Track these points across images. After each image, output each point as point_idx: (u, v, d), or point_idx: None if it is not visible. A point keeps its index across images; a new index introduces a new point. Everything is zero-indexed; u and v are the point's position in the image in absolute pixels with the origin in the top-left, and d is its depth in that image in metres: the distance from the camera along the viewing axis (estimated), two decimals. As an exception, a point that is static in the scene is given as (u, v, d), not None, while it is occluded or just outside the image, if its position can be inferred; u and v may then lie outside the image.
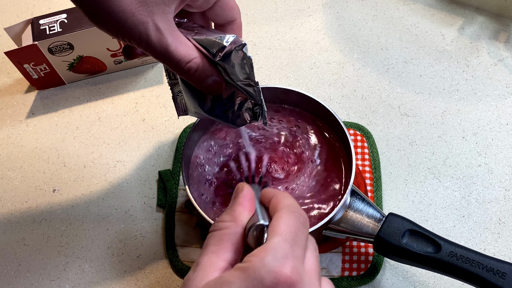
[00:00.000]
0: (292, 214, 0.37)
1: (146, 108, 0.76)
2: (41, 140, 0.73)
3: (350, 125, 0.71)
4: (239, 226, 0.38)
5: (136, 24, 0.40)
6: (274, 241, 0.34)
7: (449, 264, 0.51)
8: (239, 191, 0.41)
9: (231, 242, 0.37)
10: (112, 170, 0.70)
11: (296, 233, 0.36)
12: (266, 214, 0.39)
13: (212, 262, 0.36)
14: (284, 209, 0.38)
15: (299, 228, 0.36)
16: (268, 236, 0.35)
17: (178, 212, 0.65)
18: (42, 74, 0.75)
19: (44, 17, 0.72)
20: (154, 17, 0.40)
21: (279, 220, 0.36)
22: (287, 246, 0.34)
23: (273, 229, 0.36)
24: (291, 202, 0.39)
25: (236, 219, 0.39)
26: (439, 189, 0.67)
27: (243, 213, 0.39)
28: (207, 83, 0.45)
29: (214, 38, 0.44)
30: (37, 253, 0.65)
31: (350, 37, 0.81)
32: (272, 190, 0.42)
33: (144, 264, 0.63)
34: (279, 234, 0.35)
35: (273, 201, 0.40)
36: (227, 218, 0.39)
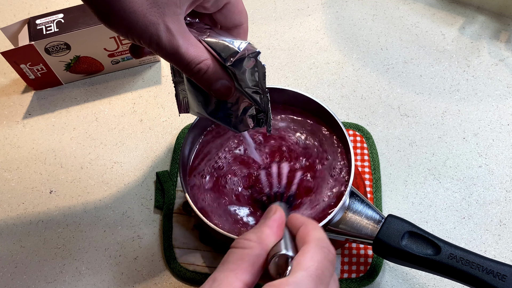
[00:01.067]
0: (321, 250, 0.36)
1: (144, 108, 0.76)
2: (37, 141, 0.74)
3: (349, 125, 0.71)
4: (263, 250, 0.38)
5: (147, 25, 0.40)
6: (297, 276, 0.33)
7: (449, 266, 0.51)
8: (271, 213, 0.40)
9: (251, 264, 0.37)
10: (109, 171, 0.70)
11: (322, 271, 0.35)
12: (291, 243, 0.38)
13: (230, 282, 0.35)
14: (313, 243, 0.37)
15: (326, 265, 0.35)
16: (293, 269, 0.34)
17: (176, 214, 0.65)
18: (38, 75, 0.75)
19: (41, 17, 0.72)
20: (165, 19, 0.40)
21: (306, 255, 0.35)
22: (310, 283, 0.33)
23: (299, 262, 0.35)
24: (320, 235, 0.38)
25: (262, 241, 0.38)
26: (439, 190, 0.67)
27: (270, 237, 0.39)
28: (215, 86, 0.45)
29: (227, 42, 0.44)
30: (34, 255, 0.65)
31: (350, 37, 0.81)
32: (301, 218, 0.41)
33: (142, 266, 0.63)
34: (304, 269, 0.34)
35: (302, 230, 0.39)
36: (253, 238, 0.38)
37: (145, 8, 0.39)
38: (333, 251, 0.38)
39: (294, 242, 0.39)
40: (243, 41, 0.44)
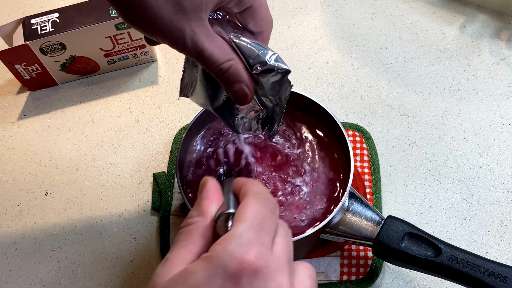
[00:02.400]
0: (259, 200, 0.37)
1: (140, 109, 0.76)
2: (33, 142, 0.73)
3: (348, 126, 0.71)
4: (207, 219, 0.38)
5: (173, 30, 0.41)
6: (238, 228, 0.34)
7: (450, 268, 0.51)
8: (203, 185, 0.41)
9: (200, 236, 0.37)
10: (105, 172, 0.70)
11: (262, 219, 0.35)
12: (234, 203, 0.39)
13: (182, 256, 0.36)
14: (251, 196, 0.38)
15: (266, 214, 0.36)
16: (233, 223, 0.35)
17: (173, 216, 0.65)
18: (34, 75, 0.75)
19: (36, 16, 0.72)
20: (191, 23, 0.41)
21: (245, 207, 0.36)
22: (251, 233, 0.34)
23: (238, 216, 0.36)
24: (259, 189, 0.39)
25: (203, 212, 0.39)
26: (439, 191, 0.67)
27: (210, 205, 0.39)
28: (234, 88, 0.45)
29: (257, 50, 0.44)
30: (29, 258, 0.65)
31: (349, 36, 0.81)
32: (243, 179, 0.41)
33: (139, 269, 0.63)
34: (243, 221, 0.35)
35: (242, 188, 0.40)
36: (194, 214, 0.39)
37: (172, 15, 0.40)
38: (273, 200, 0.38)
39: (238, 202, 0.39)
40: (272, 52, 0.44)
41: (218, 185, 0.41)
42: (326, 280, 0.61)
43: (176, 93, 0.76)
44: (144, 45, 0.76)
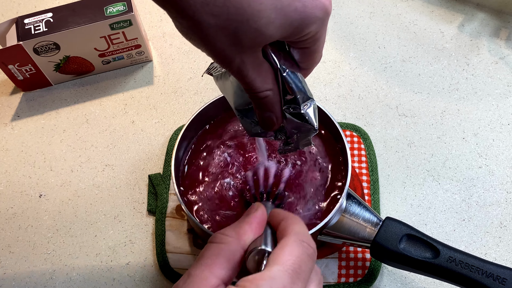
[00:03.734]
0: (300, 244, 0.36)
1: (136, 109, 0.76)
2: (26, 143, 0.73)
3: (346, 126, 0.71)
4: (240, 245, 0.38)
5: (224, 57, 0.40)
6: (273, 270, 0.33)
7: (448, 269, 0.51)
8: (252, 211, 0.41)
9: (227, 259, 0.37)
10: (100, 174, 0.70)
11: (299, 265, 0.35)
12: (271, 240, 0.38)
13: (204, 277, 0.35)
14: (291, 237, 0.37)
15: (304, 260, 0.35)
16: (269, 263, 0.34)
17: (169, 218, 0.66)
18: (27, 75, 0.75)
19: (29, 16, 0.72)
20: (243, 55, 0.40)
21: (284, 248, 0.35)
22: (286, 278, 0.33)
23: (276, 257, 0.35)
24: (300, 229, 0.38)
25: (240, 236, 0.38)
26: (438, 192, 0.67)
27: (248, 233, 0.39)
28: (264, 115, 0.45)
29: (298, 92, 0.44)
30: (23, 261, 0.65)
31: (346, 35, 0.81)
32: (283, 213, 0.41)
33: (134, 272, 0.63)
34: (280, 264, 0.34)
35: (282, 224, 0.39)
36: (230, 233, 0.38)
37: (225, 45, 0.39)
38: (313, 245, 0.37)
39: (275, 238, 0.39)
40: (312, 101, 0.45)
41: (266, 217, 0.41)
42: (324, 282, 0.61)
43: (172, 93, 0.77)
44: (139, 45, 0.76)
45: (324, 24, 0.41)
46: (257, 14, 0.37)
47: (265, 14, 0.37)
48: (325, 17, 0.40)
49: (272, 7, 0.37)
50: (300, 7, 0.38)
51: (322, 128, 0.63)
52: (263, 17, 0.37)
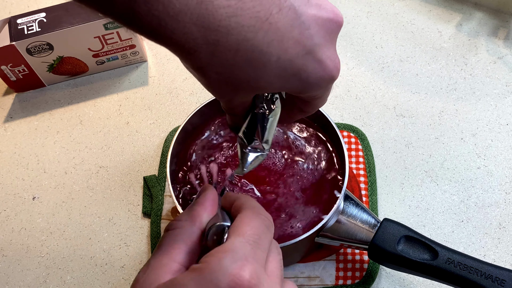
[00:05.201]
0: (258, 216, 0.37)
1: (130, 110, 0.76)
2: (20, 145, 0.73)
3: (343, 126, 0.71)
4: (195, 226, 0.38)
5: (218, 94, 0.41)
6: (234, 242, 0.34)
7: (447, 271, 0.51)
8: (202, 192, 0.41)
9: (185, 243, 0.37)
10: (94, 176, 0.70)
11: (259, 236, 0.35)
12: (227, 216, 0.39)
13: (164, 263, 0.35)
14: (248, 210, 0.38)
15: (263, 230, 0.36)
16: (229, 236, 0.35)
17: (165, 220, 0.66)
18: (20, 76, 0.75)
19: (22, 16, 0.72)
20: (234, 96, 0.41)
21: (243, 220, 0.36)
22: (248, 248, 0.34)
23: (235, 229, 0.35)
24: (255, 204, 0.39)
25: (193, 218, 0.38)
26: (436, 193, 0.67)
27: (202, 213, 0.39)
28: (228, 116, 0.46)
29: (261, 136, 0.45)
30: (16, 264, 0.65)
31: (343, 35, 0.82)
32: (234, 194, 0.42)
33: (129, 275, 0.63)
34: (240, 235, 0.34)
35: (236, 203, 0.40)
36: (184, 217, 0.39)
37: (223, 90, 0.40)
38: (270, 217, 0.38)
39: (230, 217, 0.39)
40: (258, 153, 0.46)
41: (217, 196, 0.41)
42: (321, 284, 0.61)
43: (167, 93, 0.77)
44: (134, 45, 0.77)
45: (328, 87, 0.42)
46: (260, 78, 0.37)
47: (268, 79, 0.38)
48: (329, 84, 0.41)
49: (276, 74, 0.37)
50: (304, 77, 0.38)
51: (319, 129, 0.63)
52: (265, 81, 0.38)
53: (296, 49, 0.37)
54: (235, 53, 0.35)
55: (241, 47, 0.35)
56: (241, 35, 0.34)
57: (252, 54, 0.36)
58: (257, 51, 0.36)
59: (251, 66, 0.36)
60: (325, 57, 0.39)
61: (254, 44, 0.35)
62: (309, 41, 0.37)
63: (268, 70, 0.37)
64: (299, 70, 0.38)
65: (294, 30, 0.36)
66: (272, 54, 0.36)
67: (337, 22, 0.40)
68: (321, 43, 0.38)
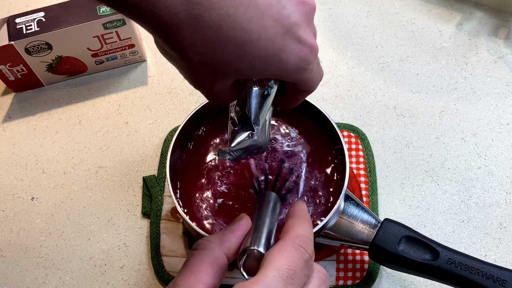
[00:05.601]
0: (297, 248, 0.36)
1: (130, 110, 0.76)
2: (18, 145, 0.73)
3: (343, 126, 0.71)
4: (222, 250, 0.38)
5: (197, 81, 0.41)
6: (268, 275, 0.34)
7: (448, 271, 0.51)
8: (237, 220, 0.42)
9: (211, 265, 0.37)
10: (93, 176, 0.70)
11: (295, 271, 0.35)
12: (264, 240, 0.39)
13: (190, 284, 0.36)
14: (290, 240, 0.37)
15: (299, 266, 0.35)
16: (264, 265, 0.35)
17: (164, 220, 0.65)
18: (19, 76, 0.75)
19: (21, 15, 0.72)
20: (215, 83, 0.41)
21: (281, 252, 0.36)
22: (281, 284, 0.33)
23: (271, 260, 0.35)
24: (302, 232, 0.39)
25: (223, 242, 0.39)
26: (437, 193, 0.67)
27: (232, 240, 0.40)
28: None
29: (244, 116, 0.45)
30: (15, 265, 0.64)
31: (343, 35, 0.82)
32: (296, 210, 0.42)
33: (128, 275, 0.63)
34: (275, 269, 0.34)
35: (288, 222, 0.40)
36: (213, 239, 0.39)
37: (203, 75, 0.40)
38: (311, 250, 0.38)
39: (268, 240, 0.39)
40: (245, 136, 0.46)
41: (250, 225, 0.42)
42: (322, 285, 0.61)
43: (167, 93, 0.77)
44: (133, 44, 0.76)
45: (309, 69, 0.41)
46: (240, 58, 0.38)
47: (248, 60, 0.38)
48: (308, 65, 0.41)
49: (257, 55, 0.38)
50: (285, 58, 0.39)
51: (319, 129, 0.63)
52: (246, 61, 0.38)
53: (275, 28, 0.37)
54: (217, 29, 0.35)
55: (223, 23, 0.35)
56: (223, 10, 0.35)
57: (234, 31, 0.36)
58: (238, 28, 0.36)
59: (233, 44, 0.36)
60: (303, 37, 0.39)
61: (236, 21, 0.35)
62: (287, 20, 0.38)
63: (249, 49, 0.37)
64: (279, 50, 0.38)
65: (273, 9, 0.37)
66: (253, 31, 0.36)
67: (310, 4, 0.40)
68: (298, 22, 0.38)
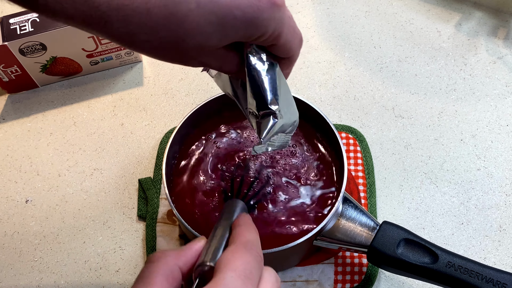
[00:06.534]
0: (249, 252, 0.37)
1: (125, 111, 0.75)
2: (12, 147, 0.73)
3: (342, 128, 0.71)
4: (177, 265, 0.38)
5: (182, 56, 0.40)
6: (225, 277, 0.34)
7: (447, 275, 0.51)
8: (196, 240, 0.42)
9: (166, 277, 0.37)
10: (88, 178, 0.70)
11: (251, 271, 0.36)
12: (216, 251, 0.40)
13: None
14: (241, 243, 0.38)
15: (254, 265, 0.37)
16: (219, 270, 0.35)
17: (160, 223, 0.65)
18: (13, 77, 0.75)
19: (15, 15, 0.72)
20: (200, 58, 0.40)
21: (234, 254, 0.37)
22: (239, 283, 0.34)
23: (226, 263, 0.36)
24: (250, 237, 0.40)
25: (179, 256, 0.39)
26: (436, 194, 0.67)
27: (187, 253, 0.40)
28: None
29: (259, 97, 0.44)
30: (9, 269, 0.64)
31: (342, 35, 0.82)
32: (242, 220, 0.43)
33: (124, 279, 0.63)
34: (232, 270, 0.35)
35: (236, 230, 0.41)
36: (169, 253, 0.39)
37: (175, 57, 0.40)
38: (260, 252, 0.39)
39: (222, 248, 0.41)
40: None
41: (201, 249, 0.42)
42: (320, 288, 0.61)
43: (163, 94, 0.76)
44: (129, 45, 0.76)
45: (277, 19, 0.39)
46: (190, 32, 0.36)
47: (200, 31, 0.37)
48: (273, 14, 0.39)
49: (206, 22, 0.36)
50: (240, 15, 0.37)
51: (317, 130, 0.63)
52: (199, 33, 0.37)
53: None
54: (148, 14, 0.34)
55: (150, 5, 0.34)
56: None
57: (166, 9, 0.35)
58: (170, 4, 0.35)
59: (173, 23, 0.35)
60: None
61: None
62: None
63: (193, 20, 0.36)
64: (230, 8, 0.36)
65: None
66: (188, 1, 0.35)
67: None
68: None
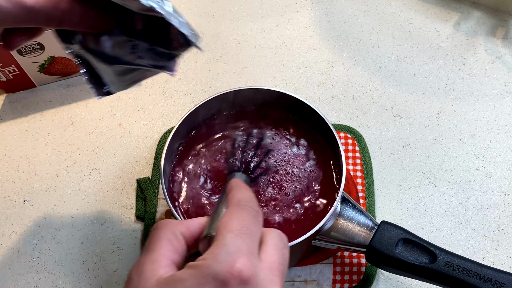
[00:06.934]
0: (243, 209, 0.39)
1: (123, 111, 0.75)
2: (10, 147, 0.73)
3: (340, 127, 0.71)
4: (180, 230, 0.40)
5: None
6: (225, 237, 0.36)
7: (445, 275, 0.51)
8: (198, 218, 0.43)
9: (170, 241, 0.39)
10: (86, 178, 0.70)
11: (248, 227, 0.38)
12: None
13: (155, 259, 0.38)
14: (234, 205, 0.40)
15: (251, 222, 0.38)
16: (219, 233, 0.37)
17: (158, 223, 0.65)
18: (10, 77, 0.75)
19: (12, 15, 0.72)
20: None
21: (230, 216, 0.39)
22: (239, 241, 0.36)
23: (225, 225, 0.38)
24: (242, 196, 0.42)
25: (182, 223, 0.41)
26: (435, 194, 0.67)
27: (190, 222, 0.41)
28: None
29: None
30: (7, 269, 0.64)
31: (340, 35, 0.82)
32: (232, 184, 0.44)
33: (122, 280, 0.63)
34: (230, 231, 0.37)
35: (228, 196, 0.43)
36: (173, 220, 0.41)
37: None
38: (256, 207, 0.41)
39: None
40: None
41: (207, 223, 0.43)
42: (318, 288, 0.61)
43: (161, 94, 0.76)
44: (127, 44, 0.76)
45: None
46: None
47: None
48: None
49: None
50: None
51: (315, 131, 0.63)
52: None
53: None
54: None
55: None
56: None
57: None
58: None
59: None
60: None
61: None
62: None
63: None
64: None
65: None
66: None
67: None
68: None
